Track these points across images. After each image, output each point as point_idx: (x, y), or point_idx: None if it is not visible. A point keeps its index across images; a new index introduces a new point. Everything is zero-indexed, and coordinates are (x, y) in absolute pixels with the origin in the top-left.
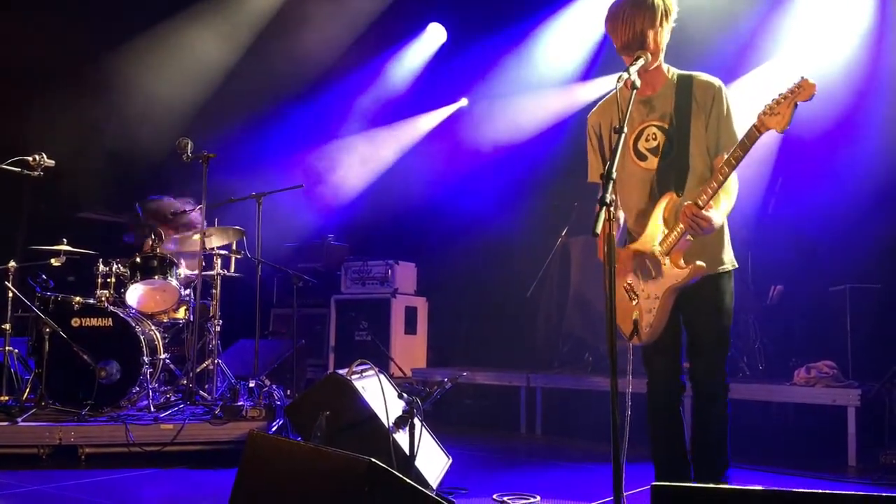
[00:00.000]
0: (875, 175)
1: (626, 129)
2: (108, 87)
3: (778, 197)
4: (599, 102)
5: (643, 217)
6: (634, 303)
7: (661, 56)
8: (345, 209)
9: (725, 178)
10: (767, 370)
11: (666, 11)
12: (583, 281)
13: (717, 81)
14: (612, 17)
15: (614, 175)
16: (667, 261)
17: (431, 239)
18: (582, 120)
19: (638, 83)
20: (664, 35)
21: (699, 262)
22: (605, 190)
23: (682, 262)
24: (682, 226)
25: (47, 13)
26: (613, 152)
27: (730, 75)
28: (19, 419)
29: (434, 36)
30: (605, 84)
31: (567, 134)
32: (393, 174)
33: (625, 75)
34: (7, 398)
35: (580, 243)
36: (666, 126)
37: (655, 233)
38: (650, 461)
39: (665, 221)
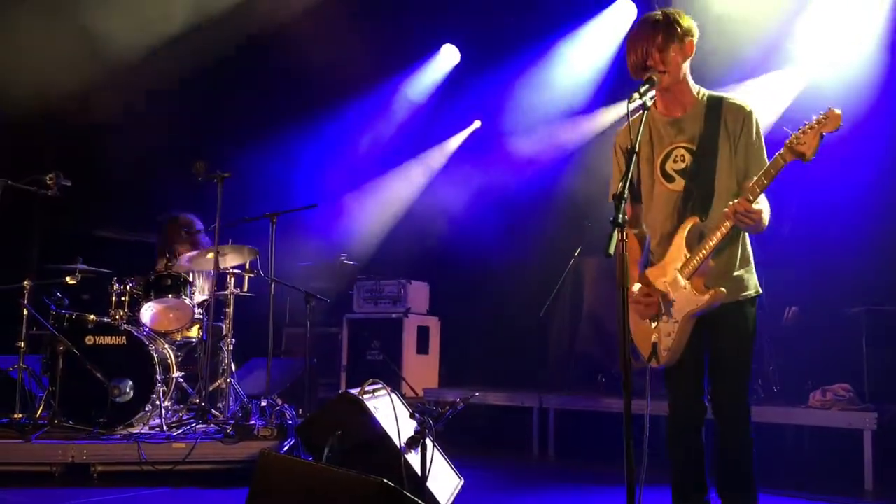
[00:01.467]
0: (893, 197)
1: (637, 149)
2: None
3: (795, 219)
4: (627, 122)
5: (667, 240)
6: (654, 325)
7: (682, 75)
8: (358, 228)
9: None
10: (782, 393)
11: (677, 31)
12: (595, 301)
13: (747, 105)
14: (627, 39)
15: (626, 196)
16: (687, 286)
17: (444, 259)
18: (595, 140)
19: (648, 104)
20: (680, 55)
21: (721, 289)
22: (617, 210)
23: (703, 286)
24: (704, 251)
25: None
26: (625, 173)
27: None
28: (33, 437)
29: (448, 57)
30: (618, 106)
31: (580, 155)
32: (406, 194)
33: (635, 96)
34: (21, 416)
35: (593, 264)
36: (694, 148)
37: (677, 257)
38: (668, 485)
39: (687, 246)
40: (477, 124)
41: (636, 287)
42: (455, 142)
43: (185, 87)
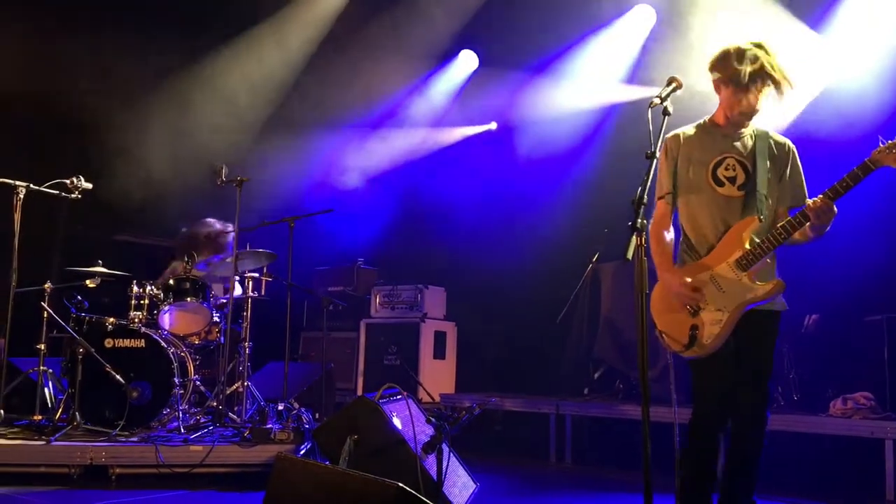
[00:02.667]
0: None
1: (658, 155)
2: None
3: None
4: (682, 129)
5: (717, 237)
6: (694, 315)
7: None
8: (375, 233)
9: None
10: (802, 401)
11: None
12: (613, 307)
13: (789, 141)
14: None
15: (646, 201)
16: (744, 278)
17: (461, 263)
18: (612, 144)
19: (670, 109)
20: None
21: (781, 280)
22: (636, 215)
23: (760, 279)
24: (767, 245)
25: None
26: (645, 179)
27: None
28: (52, 438)
29: (466, 62)
30: (633, 108)
31: (599, 159)
32: (423, 198)
33: (655, 101)
34: (40, 417)
35: (611, 269)
36: (746, 163)
37: (733, 250)
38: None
39: (748, 241)
40: (492, 126)
41: (684, 280)
42: (473, 146)
43: None
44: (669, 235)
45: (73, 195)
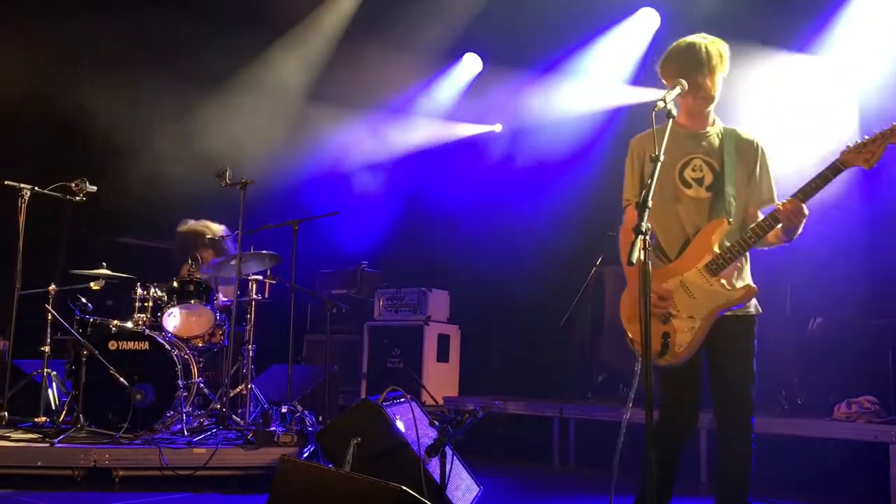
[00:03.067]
0: None
1: (662, 158)
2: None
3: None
4: (647, 131)
5: (681, 241)
6: (665, 322)
7: (712, 105)
8: (379, 236)
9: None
10: (807, 405)
11: (726, 63)
12: (617, 311)
13: (757, 138)
14: (678, 54)
15: (650, 203)
16: (715, 283)
17: (464, 266)
18: (615, 147)
19: (674, 112)
20: (720, 83)
21: (753, 285)
22: (640, 218)
23: (731, 283)
24: (738, 248)
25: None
26: (649, 182)
27: None
28: (56, 441)
29: (470, 65)
30: (637, 112)
31: (602, 162)
32: (427, 201)
33: (660, 104)
34: (44, 419)
35: (614, 273)
36: (713, 162)
37: (702, 254)
38: (686, 496)
39: (718, 244)
40: (497, 128)
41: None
42: (477, 149)
43: None
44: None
45: (77, 198)
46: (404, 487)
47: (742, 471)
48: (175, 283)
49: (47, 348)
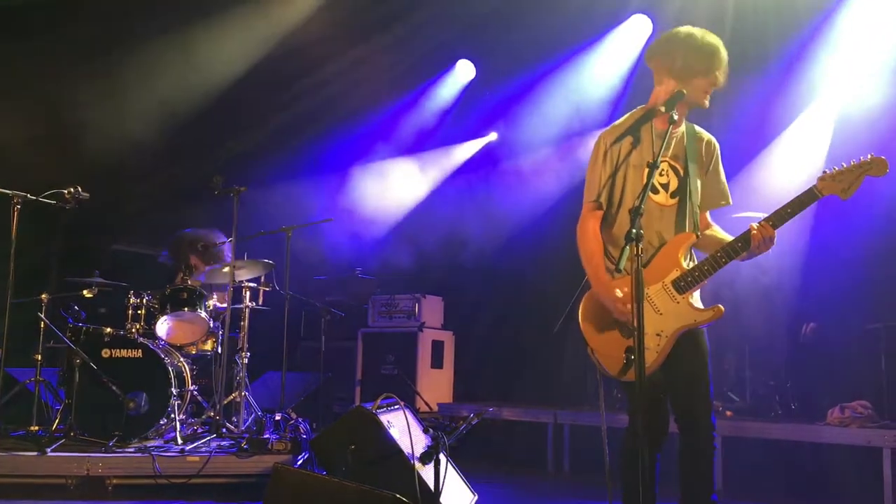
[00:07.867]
0: None
1: (659, 164)
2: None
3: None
4: (616, 123)
5: (647, 251)
6: (629, 336)
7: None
8: (373, 243)
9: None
10: (800, 410)
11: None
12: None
13: (713, 137)
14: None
15: (642, 210)
16: (683, 301)
17: (458, 273)
18: None
19: (675, 117)
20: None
21: (721, 307)
22: (633, 225)
23: (700, 303)
24: (706, 267)
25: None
26: (644, 187)
27: None
28: (48, 449)
29: (463, 72)
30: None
31: None
32: (421, 208)
33: (662, 109)
34: (37, 428)
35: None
36: (678, 167)
37: (669, 269)
38: (671, 500)
39: (685, 259)
40: (493, 136)
41: (615, 294)
42: (471, 156)
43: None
44: (600, 243)
45: (70, 205)
46: (398, 495)
47: (706, 469)
48: (168, 291)
49: (40, 356)
